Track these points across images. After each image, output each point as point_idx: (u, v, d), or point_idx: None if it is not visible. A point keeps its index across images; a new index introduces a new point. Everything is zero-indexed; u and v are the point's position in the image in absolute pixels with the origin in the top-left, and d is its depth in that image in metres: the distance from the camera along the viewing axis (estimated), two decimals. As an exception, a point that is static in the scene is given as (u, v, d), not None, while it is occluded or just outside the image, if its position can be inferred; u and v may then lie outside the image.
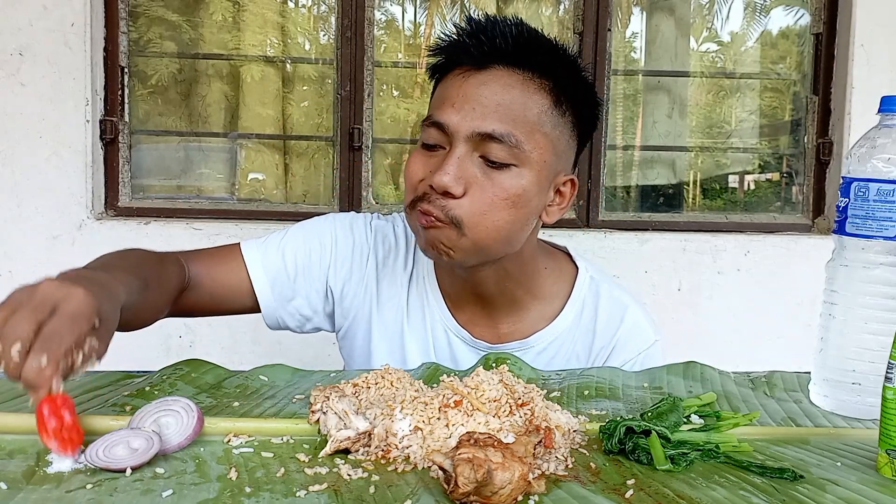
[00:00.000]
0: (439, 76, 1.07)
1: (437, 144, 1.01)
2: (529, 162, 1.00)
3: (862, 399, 0.86)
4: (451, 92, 1.01)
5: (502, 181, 0.99)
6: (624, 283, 2.49)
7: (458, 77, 1.02)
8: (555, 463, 0.69)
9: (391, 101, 2.80)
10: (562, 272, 1.19)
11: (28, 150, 2.36)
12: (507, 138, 0.98)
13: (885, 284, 0.85)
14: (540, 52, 1.02)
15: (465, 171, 0.98)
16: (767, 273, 2.52)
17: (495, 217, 0.99)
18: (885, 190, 0.84)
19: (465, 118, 0.98)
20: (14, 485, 0.62)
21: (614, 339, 1.15)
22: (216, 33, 2.67)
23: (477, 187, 0.98)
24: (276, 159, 2.78)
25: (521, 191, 1.00)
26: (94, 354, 0.71)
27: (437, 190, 0.98)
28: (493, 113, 0.98)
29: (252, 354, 2.41)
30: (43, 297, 0.69)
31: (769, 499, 0.64)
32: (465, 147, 0.99)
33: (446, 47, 1.05)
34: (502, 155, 0.98)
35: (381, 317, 1.17)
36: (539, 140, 1.00)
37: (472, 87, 1.00)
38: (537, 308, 1.16)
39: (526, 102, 1.00)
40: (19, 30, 2.33)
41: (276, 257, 1.16)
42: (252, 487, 0.63)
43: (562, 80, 1.02)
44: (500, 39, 0.99)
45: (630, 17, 2.84)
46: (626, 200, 2.78)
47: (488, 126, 0.97)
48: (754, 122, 2.87)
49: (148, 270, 0.97)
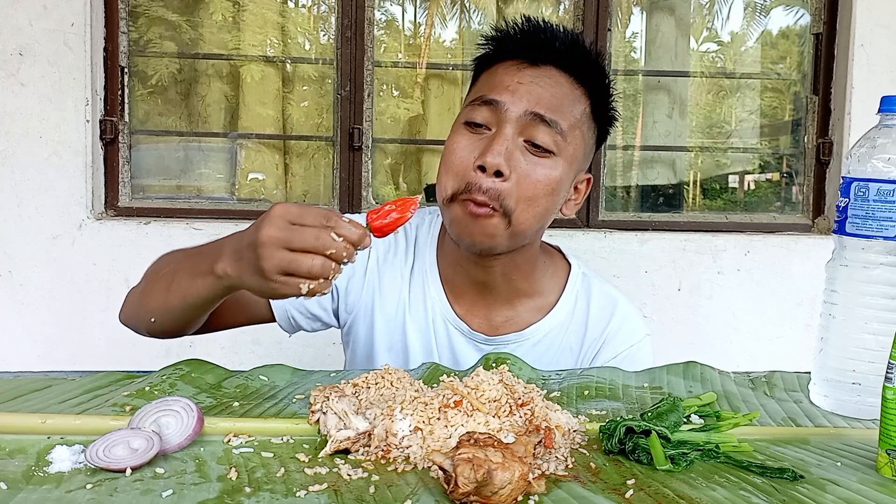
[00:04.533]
0: (487, 66, 1.12)
1: (485, 124, 1.05)
2: (566, 154, 1.06)
3: (862, 399, 0.86)
4: (506, 78, 1.06)
5: (543, 169, 1.04)
6: (624, 283, 2.50)
7: (513, 67, 1.07)
8: (555, 463, 0.69)
9: (391, 101, 2.80)
10: (556, 268, 1.23)
11: (28, 150, 2.36)
12: (554, 124, 1.04)
13: (885, 284, 0.85)
14: (587, 63, 1.10)
15: (512, 154, 1.02)
16: (767, 273, 2.52)
17: (538, 205, 1.05)
18: (885, 190, 0.84)
19: (519, 99, 1.04)
20: (14, 485, 0.62)
21: (605, 333, 1.19)
22: (216, 33, 2.67)
23: (521, 172, 1.03)
24: (276, 159, 2.78)
25: (558, 180, 1.06)
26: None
27: (488, 170, 1.01)
28: (546, 100, 1.04)
29: (252, 354, 2.40)
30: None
31: (769, 499, 0.64)
32: (513, 128, 1.03)
33: (502, 39, 1.10)
34: (547, 140, 1.04)
35: (384, 310, 1.19)
36: (577, 137, 1.07)
37: (528, 77, 1.06)
38: (534, 301, 1.19)
39: (573, 100, 1.07)
40: (19, 30, 2.33)
41: None
42: (252, 487, 0.63)
43: (598, 92, 1.11)
44: (560, 42, 1.08)
45: (630, 17, 2.84)
46: (626, 200, 2.78)
47: (541, 108, 1.03)
48: (754, 122, 2.87)
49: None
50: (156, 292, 1.04)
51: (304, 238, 0.78)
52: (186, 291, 0.96)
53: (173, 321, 1.04)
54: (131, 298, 1.13)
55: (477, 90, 1.10)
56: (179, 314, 1.02)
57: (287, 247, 0.78)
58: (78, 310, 2.38)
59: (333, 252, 0.78)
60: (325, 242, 0.78)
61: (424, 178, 2.84)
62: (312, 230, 0.79)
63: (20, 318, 2.39)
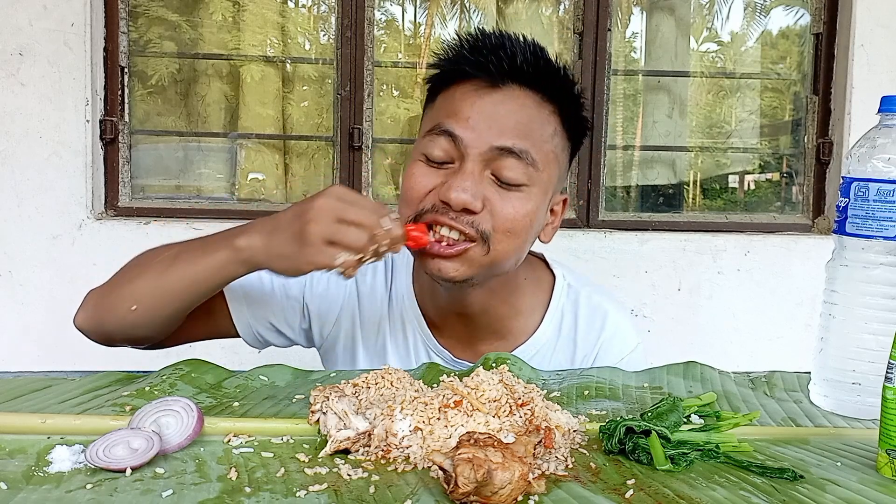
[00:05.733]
0: (443, 86, 1.03)
1: (445, 160, 0.98)
2: (539, 182, 0.99)
3: (862, 399, 0.86)
4: (464, 106, 0.97)
5: (517, 202, 0.97)
6: (624, 283, 2.49)
7: (471, 92, 0.98)
8: (555, 463, 0.69)
9: (391, 101, 2.80)
10: (539, 282, 1.16)
11: (28, 150, 2.36)
12: (524, 155, 0.96)
13: (885, 284, 0.85)
14: (552, 77, 1.01)
15: (480, 188, 0.95)
16: (767, 273, 2.52)
17: (517, 237, 0.98)
18: (885, 190, 0.84)
19: (481, 134, 0.96)
20: (14, 485, 0.62)
21: (596, 347, 1.14)
22: (216, 33, 2.67)
23: (494, 207, 0.96)
24: (276, 159, 2.78)
25: (533, 211, 0.99)
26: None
27: (454, 207, 0.94)
28: (511, 130, 0.96)
29: (252, 354, 2.39)
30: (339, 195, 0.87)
31: (769, 499, 0.64)
32: (478, 164, 0.96)
33: (458, 59, 1.00)
34: (515, 174, 0.96)
35: (364, 335, 1.14)
36: (550, 161, 1.00)
37: (489, 105, 0.97)
38: (517, 323, 1.13)
39: (541, 122, 0.99)
40: (19, 30, 2.33)
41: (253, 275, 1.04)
42: (252, 487, 0.63)
43: (566, 105, 1.03)
44: (521, 59, 0.97)
45: (630, 17, 2.84)
46: (626, 200, 2.78)
47: (507, 141, 0.96)
48: (754, 122, 2.87)
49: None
50: (143, 279, 0.98)
51: (359, 213, 0.85)
52: (190, 269, 0.94)
53: (162, 307, 0.97)
54: (95, 298, 1.07)
55: (433, 115, 1.01)
56: (171, 298, 0.96)
57: (340, 218, 0.84)
58: (78, 310, 2.38)
59: (377, 235, 0.84)
60: (374, 221, 0.85)
61: (424, 178, 2.84)
62: (366, 210, 0.85)
63: (20, 318, 2.39)
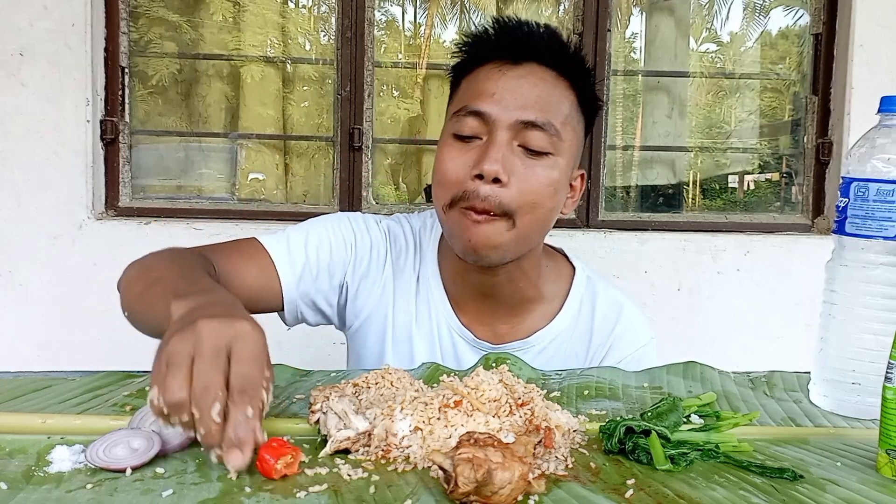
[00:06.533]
0: (465, 72, 1.09)
1: (474, 135, 1.03)
2: (562, 151, 1.04)
3: (862, 399, 0.86)
4: (489, 84, 1.03)
5: (542, 170, 1.02)
6: (624, 283, 2.49)
7: (494, 70, 1.04)
8: (555, 463, 0.69)
9: (391, 102, 2.81)
10: (560, 272, 1.21)
11: (28, 150, 2.36)
12: (547, 126, 1.01)
13: (885, 284, 0.85)
14: (567, 55, 1.07)
15: (507, 159, 1.00)
16: (767, 273, 2.52)
17: (541, 207, 1.03)
18: (885, 190, 0.84)
19: (507, 107, 1.01)
20: (14, 485, 0.62)
21: (611, 338, 1.18)
22: (216, 33, 2.67)
23: (520, 176, 1.01)
24: (277, 159, 2.78)
25: (557, 179, 1.04)
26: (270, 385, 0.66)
27: (486, 178, 0.98)
28: (533, 103, 1.02)
29: (252, 354, 2.40)
30: (214, 344, 0.63)
31: (769, 499, 0.64)
32: (506, 135, 1.01)
33: (479, 43, 1.08)
34: (542, 143, 1.02)
35: (395, 320, 1.17)
36: (569, 133, 1.06)
37: (511, 80, 1.03)
38: (538, 307, 1.17)
39: (559, 96, 1.05)
40: (19, 30, 2.33)
41: (301, 254, 1.13)
42: (252, 487, 0.63)
43: (580, 83, 1.08)
44: (537, 38, 1.05)
45: (630, 17, 2.84)
46: (625, 200, 2.78)
47: (531, 114, 1.01)
48: (754, 122, 2.87)
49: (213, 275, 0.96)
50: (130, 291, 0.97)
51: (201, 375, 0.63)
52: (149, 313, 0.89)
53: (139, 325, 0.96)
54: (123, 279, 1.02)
55: (460, 98, 1.07)
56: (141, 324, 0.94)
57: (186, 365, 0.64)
58: (78, 310, 2.38)
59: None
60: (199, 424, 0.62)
61: (424, 179, 2.84)
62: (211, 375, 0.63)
63: (20, 318, 2.39)
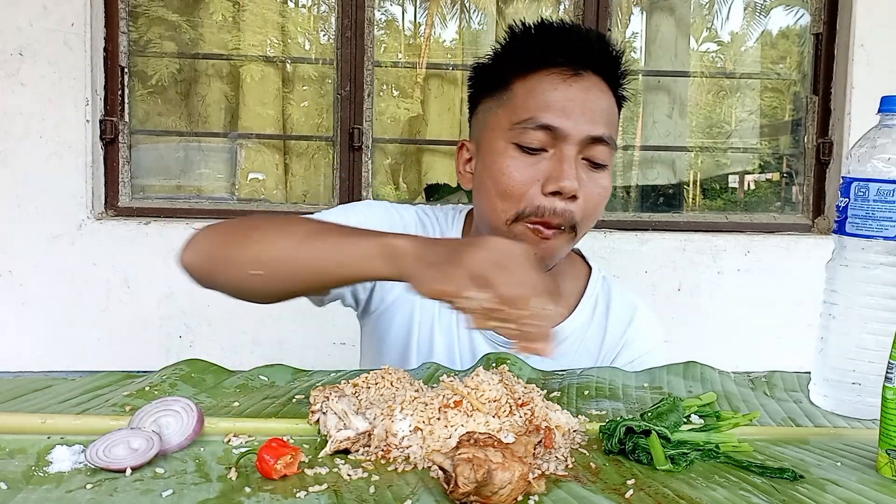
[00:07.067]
0: (517, 74, 1.06)
1: (542, 147, 1.03)
2: (612, 161, 1.08)
3: (862, 399, 0.86)
4: (556, 95, 1.03)
5: (601, 181, 1.06)
6: (624, 283, 2.49)
7: (559, 80, 1.03)
8: (555, 463, 0.69)
9: (391, 101, 2.80)
10: (577, 270, 1.24)
11: (28, 150, 2.36)
12: (611, 141, 1.05)
13: (885, 284, 0.85)
14: (617, 65, 1.08)
15: (579, 174, 1.03)
16: (767, 273, 2.52)
17: (597, 216, 1.08)
18: (885, 190, 0.84)
19: (577, 123, 1.02)
20: (14, 485, 0.62)
21: (623, 338, 1.18)
22: (216, 33, 2.67)
23: (586, 190, 1.04)
24: (276, 159, 2.78)
25: (609, 188, 1.08)
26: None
27: (565, 195, 1.01)
28: (600, 118, 1.03)
29: (252, 355, 2.41)
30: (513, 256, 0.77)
31: (769, 499, 0.64)
32: (575, 150, 1.02)
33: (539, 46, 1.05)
34: (605, 157, 1.05)
35: (422, 310, 1.16)
36: (615, 143, 1.09)
37: (580, 93, 1.03)
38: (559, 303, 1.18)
39: (613, 108, 1.08)
40: (19, 30, 2.33)
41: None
42: (252, 488, 0.63)
43: (620, 91, 1.10)
44: (595, 46, 1.05)
45: (630, 17, 2.84)
46: (626, 200, 2.78)
47: (600, 130, 1.03)
48: (754, 122, 2.87)
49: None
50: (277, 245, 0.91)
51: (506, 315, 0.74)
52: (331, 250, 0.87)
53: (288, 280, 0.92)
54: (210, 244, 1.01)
55: (522, 107, 1.04)
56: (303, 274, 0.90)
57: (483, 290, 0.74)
58: (78, 310, 2.38)
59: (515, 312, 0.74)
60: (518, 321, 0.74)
61: (424, 178, 2.84)
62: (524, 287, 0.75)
63: (20, 318, 2.39)
